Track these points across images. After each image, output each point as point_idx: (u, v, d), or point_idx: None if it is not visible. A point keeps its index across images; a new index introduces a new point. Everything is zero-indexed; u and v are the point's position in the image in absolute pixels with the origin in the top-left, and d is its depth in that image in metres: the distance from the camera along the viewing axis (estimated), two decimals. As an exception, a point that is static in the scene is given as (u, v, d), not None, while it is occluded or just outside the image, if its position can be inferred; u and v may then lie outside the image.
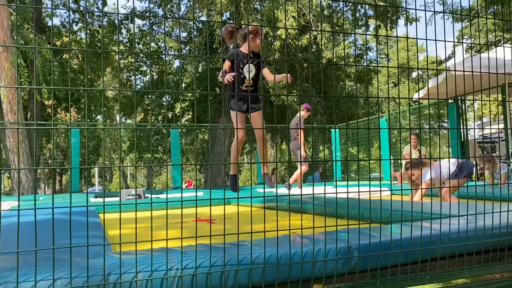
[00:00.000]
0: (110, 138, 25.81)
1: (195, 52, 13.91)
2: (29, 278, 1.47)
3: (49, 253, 1.72)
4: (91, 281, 1.48)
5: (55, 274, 1.47)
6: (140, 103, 17.50)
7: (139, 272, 1.54)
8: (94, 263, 1.60)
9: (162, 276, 1.55)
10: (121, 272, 1.51)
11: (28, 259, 1.75)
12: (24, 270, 1.52)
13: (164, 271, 1.56)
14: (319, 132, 13.56)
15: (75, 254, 1.75)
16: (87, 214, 1.41)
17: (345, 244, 1.80)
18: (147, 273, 1.55)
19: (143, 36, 16.72)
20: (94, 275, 1.51)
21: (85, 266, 1.52)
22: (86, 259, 1.57)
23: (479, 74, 7.26)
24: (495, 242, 2.03)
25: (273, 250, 1.72)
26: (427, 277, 1.90)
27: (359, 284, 1.78)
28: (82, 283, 1.47)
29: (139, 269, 1.55)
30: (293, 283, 1.70)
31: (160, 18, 16.47)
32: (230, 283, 1.62)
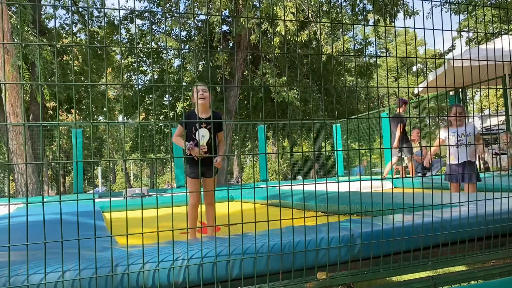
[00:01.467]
0: (113, 139, 25.86)
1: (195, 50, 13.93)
2: (38, 270, 1.50)
3: (57, 248, 1.75)
4: (99, 273, 1.51)
5: (63, 267, 1.50)
6: (141, 103, 17.53)
7: (146, 263, 1.57)
8: (101, 255, 1.63)
9: (169, 266, 1.58)
10: (128, 263, 1.54)
11: (36, 254, 1.78)
12: (33, 263, 1.55)
13: (170, 262, 1.59)
14: (321, 127, 13.57)
15: (82, 248, 1.78)
16: (94, 207, 1.44)
17: (348, 232, 1.83)
18: (154, 263, 1.58)
19: (143, 35, 16.75)
20: (102, 266, 1.54)
21: (92, 259, 1.55)
22: (93, 253, 1.61)
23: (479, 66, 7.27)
24: (496, 228, 2.05)
25: (277, 239, 1.74)
26: (430, 263, 1.92)
27: (363, 271, 1.80)
28: (91, 275, 1.50)
29: (146, 260, 1.58)
30: (297, 271, 1.73)
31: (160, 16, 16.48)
32: (235, 272, 1.65)
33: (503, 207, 2.13)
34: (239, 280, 1.65)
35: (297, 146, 20.71)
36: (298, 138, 18.22)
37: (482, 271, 2.05)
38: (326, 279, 1.74)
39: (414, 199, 2.71)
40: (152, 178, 24.36)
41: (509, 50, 6.53)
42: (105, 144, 17.80)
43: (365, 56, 2.07)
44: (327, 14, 13.41)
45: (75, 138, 8.47)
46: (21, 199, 8.47)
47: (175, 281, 1.58)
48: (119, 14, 1.68)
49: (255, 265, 1.65)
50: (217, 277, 1.63)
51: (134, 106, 17.65)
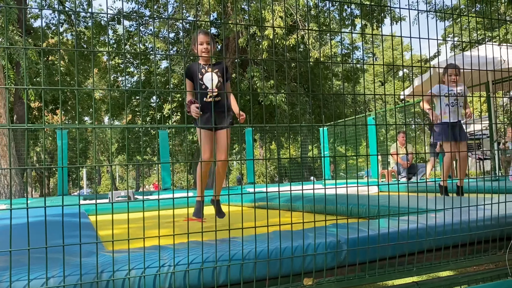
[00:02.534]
0: (98, 140, 25.61)
1: (183, 53, 13.88)
2: (22, 277, 1.48)
3: (41, 253, 1.72)
4: (84, 279, 1.49)
5: (48, 273, 1.48)
6: (128, 105, 17.41)
7: (132, 269, 1.56)
8: (86, 261, 1.61)
9: (155, 273, 1.57)
10: (114, 269, 1.53)
11: (20, 259, 1.75)
12: (16, 270, 1.53)
13: (156, 268, 1.58)
14: (308, 131, 13.63)
15: (67, 253, 1.76)
16: (79, 213, 1.42)
17: (334, 238, 1.84)
18: (140, 270, 1.56)
19: (130, 37, 16.65)
20: (87, 273, 1.52)
21: (77, 265, 1.54)
22: (78, 258, 1.59)
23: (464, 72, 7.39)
24: (479, 234, 2.08)
25: (264, 245, 1.74)
26: (414, 269, 1.95)
27: (349, 277, 1.81)
28: (75, 281, 1.48)
29: (132, 267, 1.57)
30: (284, 277, 1.73)
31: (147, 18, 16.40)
32: (222, 278, 1.65)
33: (486, 213, 2.17)
34: (226, 287, 1.65)
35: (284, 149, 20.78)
36: (286, 141, 18.28)
37: (466, 277, 2.08)
38: (312, 285, 1.75)
39: (400, 203, 2.74)
40: (138, 180, 24.18)
41: (492, 58, 6.66)
42: (90, 146, 17.62)
43: (352, 63, 2.09)
44: (315, 18, 13.50)
45: (60, 140, 8.36)
46: (3, 201, 8.34)
47: (161, 287, 1.57)
48: (107, 16, 1.67)
49: (242, 271, 1.65)
50: (204, 284, 1.62)
51: (121, 107, 17.52)
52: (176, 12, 15.93)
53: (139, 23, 16.29)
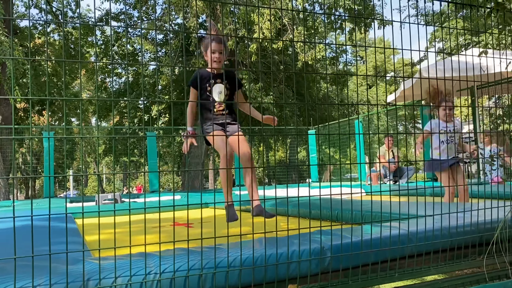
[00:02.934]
0: (85, 142, 25.39)
1: (171, 55, 13.86)
2: (7, 285, 1.49)
3: (26, 261, 1.73)
4: (71, 287, 1.51)
5: (34, 281, 1.49)
6: (116, 106, 17.31)
7: (119, 277, 1.57)
8: (73, 269, 1.63)
9: (141, 280, 1.59)
10: (100, 277, 1.54)
11: (5, 267, 1.75)
12: (1, 278, 1.54)
13: (143, 276, 1.60)
14: (297, 133, 13.70)
15: (53, 260, 1.77)
16: (66, 220, 1.44)
17: (318, 245, 1.87)
18: (126, 278, 1.58)
19: (118, 38, 16.56)
20: (73, 281, 1.53)
21: (64, 273, 1.55)
22: (64, 266, 1.60)
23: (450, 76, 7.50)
24: (459, 240, 2.14)
25: (250, 252, 1.77)
26: (397, 275, 1.99)
27: (332, 283, 1.85)
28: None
29: (118, 274, 1.58)
30: (269, 283, 1.76)
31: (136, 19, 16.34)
32: (207, 285, 1.67)
33: (466, 220, 2.22)
34: (211, 294, 1.67)
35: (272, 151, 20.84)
36: (274, 143, 18.33)
37: (447, 281, 2.13)
38: (296, 291, 1.78)
39: (384, 207, 2.79)
40: (125, 182, 24.03)
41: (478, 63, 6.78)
42: (77, 147, 17.46)
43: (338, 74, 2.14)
44: (303, 21, 13.58)
45: (47, 142, 8.30)
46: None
47: (147, 294, 1.59)
48: (95, 17, 1.68)
49: (227, 278, 1.68)
50: (189, 291, 1.64)
51: (108, 108, 17.40)
52: (164, 14, 15.90)
53: (127, 24, 16.22)
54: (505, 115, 9.24)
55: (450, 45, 13.09)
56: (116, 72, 18.28)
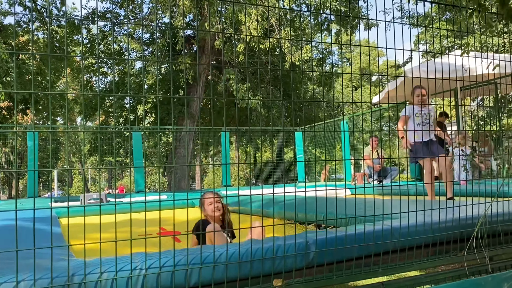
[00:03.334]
0: (70, 141, 25.08)
1: (157, 54, 13.79)
2: (-9, 281, 1.48)
3: (10, 258, 1.72)
4: (55, 283, 1.50)
5: (18, 277, 1.49)
6: (101, 105, 17.13)
7: (104, 272, 1.57)
8: (58, 265, 1.62)
9: (127, 275, 1.59)
10: (85, 272, 1.54)
11: (-11, 263, 1.74)
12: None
13: (128, 271, 1.60)
14: (284, 134, 13.74)
15: (37, 258, 1.76)
16: (51, 215, 1.43)
17: (303, 240, 1.90)
18: (112, 273, 1.58)
19: (105, 37, 16.41)
20: (58, 276, 1.53)
21: (48, 268, 1.54)
22: (48, 262, 1.59)
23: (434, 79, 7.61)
24: (441, 236, 2.18)
25: (236, 248, 1.79)
26: (380, 270, 2.03)
27: (317, 278, 1.88)
28: (47, 285, 1.49)
29: (104, 270, 1.58)
30: (254, 278, 1.78)
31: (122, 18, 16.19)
32: (193, 280, 1.68)
33: (448, 215, 2.27)
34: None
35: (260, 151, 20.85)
36: (261, 144, 18.35)
37: (429, 277, 2.18)
38: (281, 286, 1.80)
39: (367, 205, 2.83)
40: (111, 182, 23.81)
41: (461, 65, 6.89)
42: (62, 147, 17.24)
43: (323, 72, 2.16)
44: (291, 23, 13.65)
45: (32, 140, 8.18)
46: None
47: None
48: (81, 14, 1.68)
49: (213, 273, 1.69)
50: (175, 286, 1.65)
51: (94, 108, 17.22)
52: (151, 13, 15.81)
53: (113, 23, 16.08)
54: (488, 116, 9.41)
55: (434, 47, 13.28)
56: (102, 71, 18.10)
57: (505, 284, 2.29)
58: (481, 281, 2.21)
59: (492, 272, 2.22)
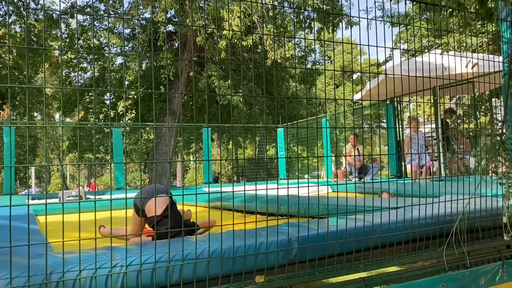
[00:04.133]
0: (48, 138, 24.59)
1: (138, 50, 13.62)
2: (-35, 280, 1.43)
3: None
4: (33, 281, 1.47)
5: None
6: (81, 101, 16.84)
7: (83, 270, 1.54)
8: (36, 263, 1.58)
9: (106, 273, 1.56)
10: (64, 270, 1.51)
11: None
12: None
13: (108, 268, 1.57)
14: (265, 131, 13.77)
15: (15, 255, 1.71)
16: (28, 212, 1.40)
17: (285, 236, 1.90)
18: (91, 270, 1.55)
19: (84, 31, 16.11)
20: (35, 274, 1.49)
21: (25, 266, 1.50)
22: (25, 260, 1.55)
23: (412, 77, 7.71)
24: (421, 231, 2.21)
25: (218, 245, 1.78)
26: (361, 265, 2.04)
27: (299, 274, 1.88)
28: (23, 283, 1.45)
29: (83, 267, 1.55)
30: (237, 275, 1.77)
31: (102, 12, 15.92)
32: (175, 277, 1.66)
33: (427, 212, 2.30)
34: (179, 286, 1.66)
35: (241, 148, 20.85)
36: (243, 141, 18.34)
37: (409, 272, 2.20)
38: (264, 283, 1.80)
39: (349, 202, 2.85)
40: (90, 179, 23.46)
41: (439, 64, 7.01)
42: (40, 143, 16.88)
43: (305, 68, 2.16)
44: (273, 20, 13.65)
45: (8, 136, 7.98)
46: None
47: (113, 287, 1.56)
48: (60, 7, 1.64)
49: (195, 270, 1.68)
50: (156, 283, 1.63)
51: (73, 104, 16.92)
52: (132, 8, 15.60)
53: (93, 18, 15.80)
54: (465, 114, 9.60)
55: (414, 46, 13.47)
56: (81, 66, 17.79)
57: (482, 278, 2.34)
58: (459, 275, 2.25)
59: (470, 266, 2.27)
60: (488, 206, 2.47)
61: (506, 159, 1.88)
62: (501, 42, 2.74)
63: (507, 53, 2.66)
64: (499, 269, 2.40)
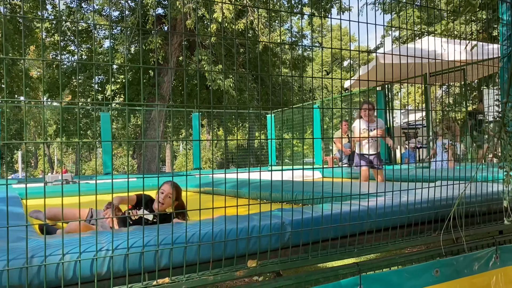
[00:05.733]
0: (35, 121, 24.18)
1: (127, 32, 13.35)
2: None
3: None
4: (13, 265, 1.38)
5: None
6: (68, 84, 16.54)
7: (66, 254, 1.47)
8: (16, 246, 1.50)
9: (91, 257, 1.48)
10: (45, 254, 1.43)
11: None
12: None
13: (93, 252, 1.50)
14: (255, 117, 13.68)
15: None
16: (7, 191, 1.31)
17: (279, 220, 1.84)
18: (75, 254, 1.47)
19: (71, 13, 15.73)
20: (15, 258, 1.41)
21: (4, 249, 1.42)
22: (4, 243, 1.47)
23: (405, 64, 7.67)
24: (416, 216, 2.17)
25: (209, 228, 1.71)
26: (356, 250, 2.00)
27: (292, 258, 1.83)
28: (2, 267, 1.37)
29: (66, 251, 1.47)
30: (228, 259, 1.71)
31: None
32: (164, 261, 1.60)
33: (423, 196, 2.26)
34: (168, 270, 1.60)
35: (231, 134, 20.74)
36: (233, 127, 18.24)
37: (403, 257, 2.16)
38: (256, 267, 1.74)
39: (342, 188, 2.80)
40: (78, 164, 23.20)
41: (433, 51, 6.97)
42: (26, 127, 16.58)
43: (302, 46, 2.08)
44: (264, 4, 13.45)
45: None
46: None
47: (99, 272, 1.49)
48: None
49: (185, 254, 1.61)
50: (144, 267, 1.56)
51: (59, 86, 16.61)
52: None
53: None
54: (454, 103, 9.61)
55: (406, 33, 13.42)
56: (68, 49, 17.41)
57: (475, 263, 2.31)
58: (453, 260, 2.22)
59: (466, 252, 2.24)
60: (483, 192, 2.44)
61: (508, 142, 1.83)
62: (499, 24, 2.68)
63: (506, 35, 2.60)
64: (492, 254, 2.37)
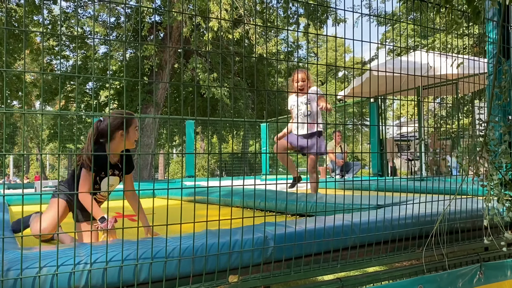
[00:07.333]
0: (28, 126, 24.05)
1: (123, 38, 13.37)
2: None
3: None
4: (-12, 278, 1.37)
5: None
6: (62, 89, 16.48)
7: (44, 267, 1.45)
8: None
9: (69, 270, 1.47)
10: (22, 267, 1.41)
11: None
12: None
13: (71, 266, 1.48)
14: (250, 126, 13.69)
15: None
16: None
17: (262, 234, 1.83)
18: (52, 267, 1.46)
19: (67, 19, 15.75)
20: (-9, 271, 1.39)
21: (-19, 262, 1.40)
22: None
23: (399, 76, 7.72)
24: (400, 232, 2.17)
25: (190, 242, 1.70)
26: (339, 266, 1.99)
27: (274, 274, 1.82)
28: (-23, 280, 1.35)
29: (44, 264, 1.46)
30: (209, 274, 1.70)
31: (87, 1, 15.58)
32: (143, 276, 1.58)
33: (407, 212, 2.26)
34: (147, 284, 1.58)
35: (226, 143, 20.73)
36: (227, 135, 18.24)
37: (387, 273, 2.16)
38: (237, 282, 1.73)
39: (328, 200, 2.80)
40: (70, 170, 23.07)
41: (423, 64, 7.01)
42: (18, 131, 16.51)
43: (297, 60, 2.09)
44: (260, 14, 13.54)
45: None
46: None
47: (76, 285, 1.47)
48: None
49: (165, 269, 1.60)
50: (123, 281, 1.55)
51: (53, 92, 16.56)
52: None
53: (77, 4, 15.46)
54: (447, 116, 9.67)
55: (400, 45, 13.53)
56: (63, 54, 17.39)
57: (459, 280, 2.31)
58: (437, 277, 2.22)
59: (448, 269, 2.24)
60: (468, 208, 2.44)
61: (488, 161, 1.85)
62: (486, 42, 2.71)
63: (492, 53, 2.63)
64: (476, 271, 2.37)
